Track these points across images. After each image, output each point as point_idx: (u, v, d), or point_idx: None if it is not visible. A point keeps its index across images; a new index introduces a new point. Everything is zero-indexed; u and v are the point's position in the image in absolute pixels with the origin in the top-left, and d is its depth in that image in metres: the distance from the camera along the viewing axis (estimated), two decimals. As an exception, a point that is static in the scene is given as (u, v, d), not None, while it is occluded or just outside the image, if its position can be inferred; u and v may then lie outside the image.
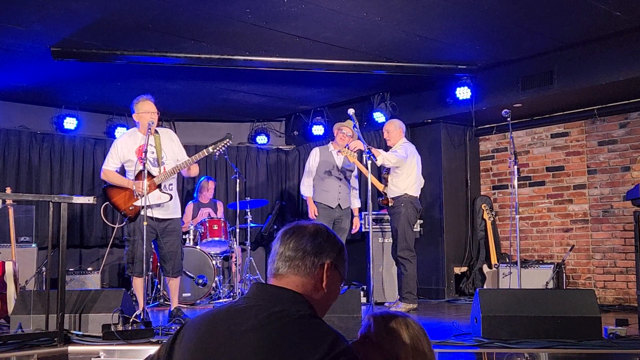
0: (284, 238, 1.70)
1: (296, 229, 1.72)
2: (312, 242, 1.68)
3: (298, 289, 1.64)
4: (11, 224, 5.71)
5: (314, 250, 1.67)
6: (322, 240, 1.70)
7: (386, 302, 6.65)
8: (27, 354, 3.85)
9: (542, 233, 7.49)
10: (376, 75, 7.01)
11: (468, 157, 8.02)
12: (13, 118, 7.98)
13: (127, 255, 5.06)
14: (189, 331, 1.64)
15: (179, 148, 5.27)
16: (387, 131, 6.37)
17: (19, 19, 5.26)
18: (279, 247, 1.70)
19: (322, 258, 1.68)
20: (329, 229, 1.76)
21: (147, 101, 5.12)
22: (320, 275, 1.66)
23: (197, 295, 6.84)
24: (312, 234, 1.70)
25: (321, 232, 1.72)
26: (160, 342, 4.04)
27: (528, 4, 5.10)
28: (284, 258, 1.67)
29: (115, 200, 5.07)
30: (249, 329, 1.51)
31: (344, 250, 1.78)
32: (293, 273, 1.66)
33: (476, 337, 4.16)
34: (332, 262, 1.70)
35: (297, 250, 1.66)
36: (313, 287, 1.66)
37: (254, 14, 5.21)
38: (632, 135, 6.78)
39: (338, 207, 6.39)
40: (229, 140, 5.04)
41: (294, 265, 1.66)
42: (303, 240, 1.68)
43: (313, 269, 1.66)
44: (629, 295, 6.65)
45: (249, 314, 1.55)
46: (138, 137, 5.11)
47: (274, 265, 1.69)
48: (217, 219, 7.25)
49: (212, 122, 9.11)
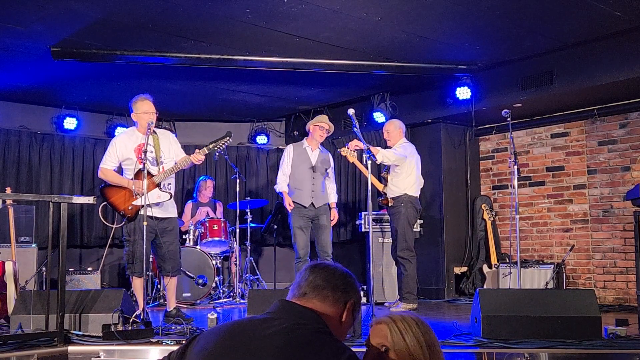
0: (314, 269, 1.82)
1: (328, 265, 1.85)
2: (343, 280, 1.81)
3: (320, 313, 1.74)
4: (11, 224, 5.71)
5: (343, 287, 1.80)
6: (351, 281, 1.84)
7: (386, 302, 6.66)
8: (27, 354, 3.85)
9: (542, 233, 7.49)
10: (376, 75, 7.01)
11: (468, 157, 8.02)
12: (13, 118, 7.98)
13: (126, 256, 5.04)
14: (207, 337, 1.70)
15: (178, 148, 5.26)
16: (387, 131, 6.37)
17: (19, 19, 5.26)
18: (309, 276, 1.80)
19: (348, 297, 1.80)
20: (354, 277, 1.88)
21: (146, 101, 5.11)
22: (342, 311, 1.78)
23: (197, 295, 6.83)
24: (343, 274, 1.83)
25: (351, 275, 1.85)
26: (160, 342, 4.06)
27: (528, 4, 5.10)
28: (314, 285, 1.78)
29: (114, 200, 5.04)
30: (274, 332, 1.59)
31: (361, 299, 1.92)
32: (319, 300, 1.76)
33: (476, 337, 4.16)
34: (354, 303, 1.82)
35: (329, 282, 1.78)
36: (333, 319, 1.76)
37: (254, 14, 5.21)
38: (632, 135, 6.78)
39: (312, 206, 6.16)
40: (229, 137, 5.06)
41: (322, 295, 1.76)
42: (335, 276, 1.81)
43: (338, 304, 1.77)
44: (629, 295, 6.65)
45: (273, 323, 1.63)
46: (137, 137, 5.09)
47: (300, 290, 1.79)
48: (217, 219, 7.25)
49: (212, 122, 9.11)
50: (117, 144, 5.10)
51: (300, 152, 6.34)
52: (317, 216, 6.19)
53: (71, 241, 7.85)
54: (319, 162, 6.31)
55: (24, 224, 7.10)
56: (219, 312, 5.92)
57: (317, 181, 6.24)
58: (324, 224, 6.18)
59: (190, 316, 5.21)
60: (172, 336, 4.26)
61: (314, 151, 6.33)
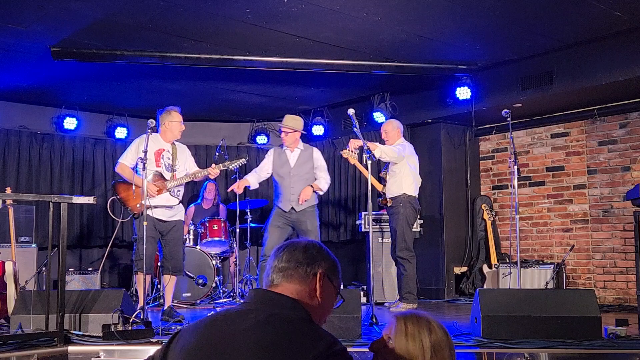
0: (277, 253, 1.78)
1: (289, 244, 1.79)
2: (304, 253, 1.75)
3: (294, 295, 1.69)
4: (11, 224, 5.70)
5: (306, 260, 1.74)
6: (314, 252, 1.76)
7: (386, 302, 6.65)
8: (27, 354, 3.84)
9: (542, 233, 7.49)
10: (376, 75, 7.01)
11: (468, 157, 8.02)
12: (13, 118, 7.98)
13: (135, 253, 5.25)
14: (187, 334, 1.67)
15: (192, 162, 5.61)
16: (385, 131, 6.37)
17: (19, 19, 5.26)
18: (273, 262, 1.77)
19: (315, 267, 1.73)
20: (322, 244, 1.82)
21: (177, 113, 5.51)
22: (313, 284, 1.72)
23: (197, 295, 6.83)
24: (304, 247, 1.77)
25: (313, 245, 1.79)
26: (160, 342, 4.05)
27: (528, 4, 5.10)
28: (278, 269, 1.74)
29: (124, 196, 5.31)
30: (248, 327, 1.55)
31: (337, 264, 1.82)
32: (287, 281, 1.72)
33: (476, 337, 4.16)
34: (325, 272, 1.75)
35: (290, 261, 1.73)
36: (308, 296, 1.71)
37: (254, 14, 5.21)
38: (632, 135, 6.78)
39: (292, 210, 5.83)
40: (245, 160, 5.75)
41: (287, 275, 1.72)
42: (295, 253, 1.75)
43: (306, 277, 1.72)
44: (629, 295, 6.65)
45: (249, 316, 1.59)
46: (159, 142, 5.41)
47: (268, 278, 1.76)
48: (217, 219, 7.25)
49: (212, 122, 9.12)
50: (138, 143, 5.32)
51: (281, 155, 6.02)
52: (300, 221, 5.86)
53: (71, 241, 7.86)
54: (299, 164, 5.95)
55: (24, 224, 7.11)
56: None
57: (297, 185, 5.86)
58: (307, 229, 5.85)
59: (179, 314, 5.29)
60: (172, 336, 4.25)
61: (292, 152, 5.99)
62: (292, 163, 5.97)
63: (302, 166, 5.96)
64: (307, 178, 5.94)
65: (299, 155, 5.98)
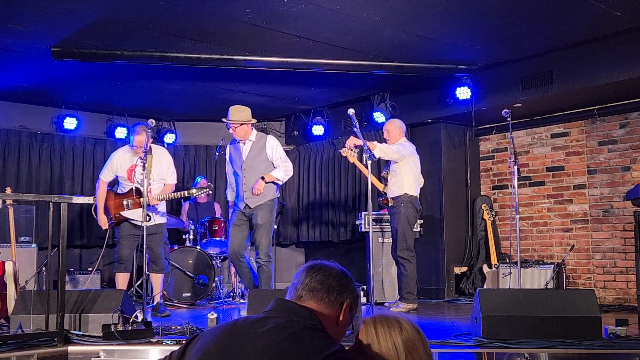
0: (310, 271, 1.82)
1: (324, 267, 1.85)
2: (338, 280, 1.82)
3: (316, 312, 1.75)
4: (11, 224, 5.71)
5: (338, 288, 1.80)
6: (346, 281, 1.84)
7: (386, 302, 6.65)
8: (27, 354, 3.84)
9: (542, 233, 7.48)
10: (376, 75, 7.00)
11: (468, 157, 8.02)
12: (13, 118, 7.98)
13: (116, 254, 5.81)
14: (206, 336, 1.72)
15: (167, 169, 5.86)
16: (387, 131, 6.36)
17: (19, 19, 5.26)
18: (305, 279, 1.81)
19: (344, 297, 1.81)
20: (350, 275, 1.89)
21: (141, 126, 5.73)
22: (339, 311, 1.80)
23: (197, 295, 6.83)
24: (338, 275, 1.83)
25: (345, 275, 1.86)
26: (160, 342, 4.06)
27: (528, 4, 5.10)
28: (309, 288, 1.79)
29: (108, 204, 5.82)
30: (266, 330, 1.61)
31: (359, 297, 1.94)
32: (315, 302, 1.77)
33: (476, 337, 4.16)
34: (350, 303, 1.82)
35: (323, 284, 1.79)
36: (329, 318, 1.78)
37: (254, 14, 5.21)
38: (632, 135, 6.78)
39: (247, 207, 5.60)
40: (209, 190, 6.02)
41: (317, 297, 1.78)
42: (330, 278, 1.81)
43: (334, 304, 1.79)
44: (629, 295, 6.65)
45: (268, 322, 1.65)
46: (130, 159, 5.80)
47: (296, 293, 1.80)
48: (217, 219, 7.25)
49: (212, 122, 9.10)
50: (113, 159, 5.83)
51: (235, 150, 5.74)
52: (251, 215, 5.61)
53: (71, 241, 7.86)
54: (252, 157, 5.61)
55: (24, 224, 7.11)
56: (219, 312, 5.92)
57: (251, 179, 5.54)
58: (256, 222, 5.56)
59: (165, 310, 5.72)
60: (172, 336, 4.26)
61: (245, 144, 5.67)
62: (244, 155, 5.65)
63: (255, 159, 5.61)
64: (264, 171, 5.58)
65: (250, 147, 5.64)
